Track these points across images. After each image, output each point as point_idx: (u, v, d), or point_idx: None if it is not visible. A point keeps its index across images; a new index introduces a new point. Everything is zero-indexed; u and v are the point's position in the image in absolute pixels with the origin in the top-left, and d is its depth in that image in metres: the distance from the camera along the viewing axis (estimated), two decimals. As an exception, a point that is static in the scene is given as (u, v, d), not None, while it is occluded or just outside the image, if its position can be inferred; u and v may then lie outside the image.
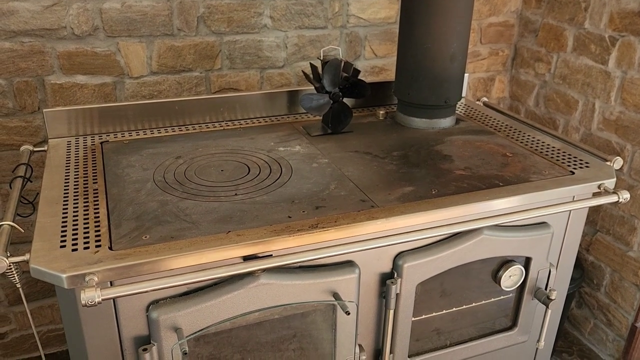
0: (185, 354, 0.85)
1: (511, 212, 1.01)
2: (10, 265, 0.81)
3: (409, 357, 1.12)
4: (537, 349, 1.29)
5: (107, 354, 0.87)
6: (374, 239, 0.90)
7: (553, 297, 1.14)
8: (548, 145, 1.27)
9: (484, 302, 1.18)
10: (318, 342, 1.08)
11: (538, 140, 1.30)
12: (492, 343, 1.20)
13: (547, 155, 1.21)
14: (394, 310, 1.04)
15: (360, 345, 1.06)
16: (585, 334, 1.82)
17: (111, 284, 0.82)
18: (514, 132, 1.35)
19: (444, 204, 0.99)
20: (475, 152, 1.22)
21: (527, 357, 1.30)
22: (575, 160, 1.18)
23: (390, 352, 1.09)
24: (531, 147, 1.25)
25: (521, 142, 1.28)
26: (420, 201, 1.00)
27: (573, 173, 1.12)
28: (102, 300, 0.74)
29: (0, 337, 1.65)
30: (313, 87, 1.33)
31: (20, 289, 0.92)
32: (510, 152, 1.23)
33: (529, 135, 1.33)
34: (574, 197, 1.11)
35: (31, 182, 1.09)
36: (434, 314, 1.13)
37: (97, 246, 0.83)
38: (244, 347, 1.02)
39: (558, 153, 1.22)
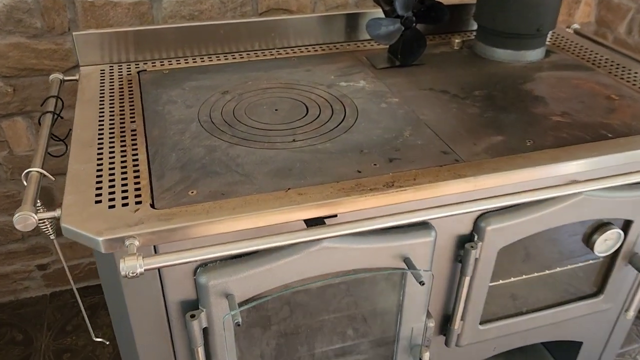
0: (239, 325, 0.75)
1: (625, 172, 0.83)
2: (39, 222, 0.71)
3: (480, 324, 1.00)
4: (618, 317, 1.16)
5: (151, 320, 0.78)
6: (458, 204, 0.75)
7: (653, 265, 0.99)
8: (662, 86, 1.06)
9: (569, 267, 1.03)
10: (380, 306, 0.97)
11: (649, 79, 1.09)
12: (572, 311, 1.07)
13: (662, 99, 1.01)
14: (471, 276, 0.91)
15: (427, 312, 0.94)
16: (659, 290, 1.67)
17: (155, 249, 0.70)
18: (618, 68, 1.13)
19: (543, 160, 0.82)
20: (572, 92, 1.03)
21: (606, 324, 1.17)
22: (698, 107, 0.98)
23: (461, 319, 0.97)
24: (641, 88, 1.05)
25: (628, 81, 1.08)
26: (514, 155, 0.83)
27: (697, 123, 0.93)
28: (145, 270, 0.63)
29: (42, 267, 1.62)
30: (380, 10, 1.13)
31: (55, 241, 0.82)
32: (616, 93, 1.03)
33: (636, 73, 1.11)
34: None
35: (62, 118, 0.97)
36: (512, 279, 1.00)
37: (137, 203, 0.71)
38: (297, 308, 0.92)
39: (675, 97, 1.02)
